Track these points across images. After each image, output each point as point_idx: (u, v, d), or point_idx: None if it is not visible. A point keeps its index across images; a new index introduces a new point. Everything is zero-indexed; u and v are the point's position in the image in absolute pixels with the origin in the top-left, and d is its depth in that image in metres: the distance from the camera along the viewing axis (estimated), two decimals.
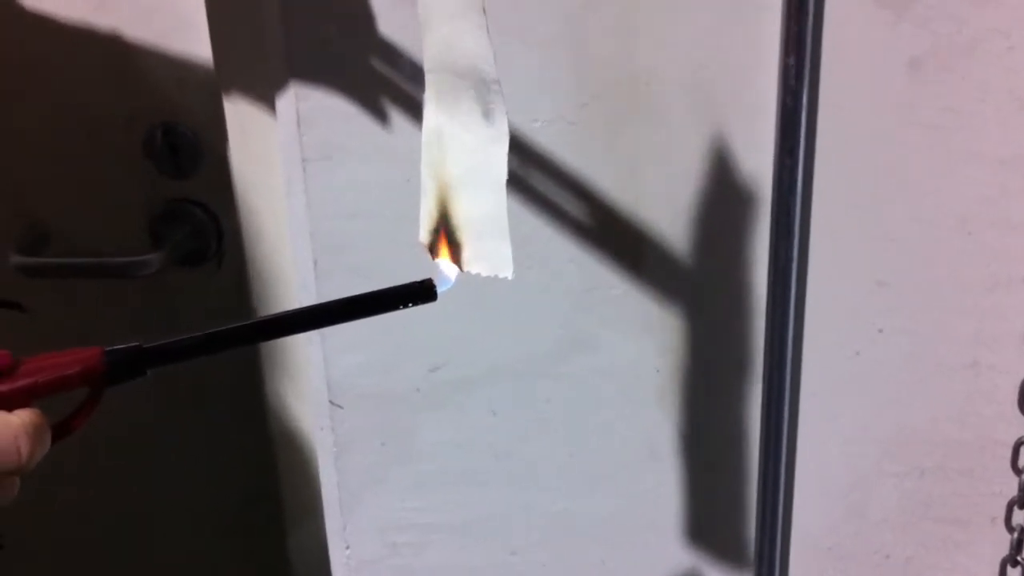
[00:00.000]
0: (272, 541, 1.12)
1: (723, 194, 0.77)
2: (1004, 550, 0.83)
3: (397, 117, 0.76)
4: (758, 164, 0.75)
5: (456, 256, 0.51)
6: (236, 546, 1.19)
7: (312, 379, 0.84)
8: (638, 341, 0.82)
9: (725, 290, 0.80)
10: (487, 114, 0.49)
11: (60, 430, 0.44)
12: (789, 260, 0.75)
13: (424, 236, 0.52)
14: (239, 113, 0.94)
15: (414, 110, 0.76)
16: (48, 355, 0.44)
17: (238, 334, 0.48)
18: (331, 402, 0.84)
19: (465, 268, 0.51)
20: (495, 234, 0.50)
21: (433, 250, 0.52)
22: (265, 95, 0.87)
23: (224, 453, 1.14)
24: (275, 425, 1.05)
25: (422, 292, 0.49)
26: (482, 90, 0.49)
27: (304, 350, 0.85)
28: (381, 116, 0.76)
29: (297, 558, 1.10)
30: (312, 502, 0.91)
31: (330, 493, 0.88)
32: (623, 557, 0.89)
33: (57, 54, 1.01)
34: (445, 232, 0.52)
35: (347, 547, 0.90)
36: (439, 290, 0.49)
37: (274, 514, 1.10)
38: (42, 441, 0.42)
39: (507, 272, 0.50)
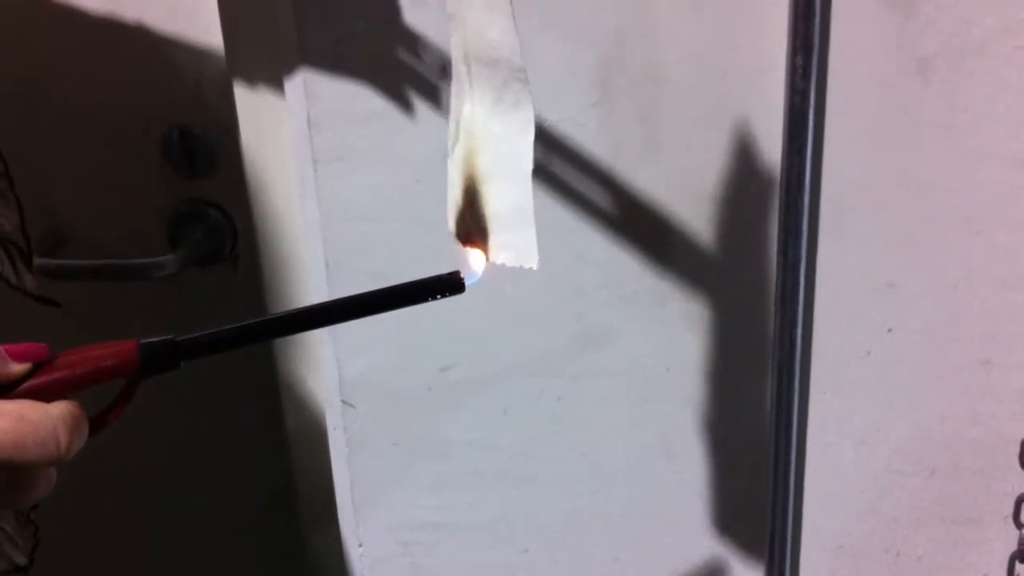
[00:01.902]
0: (287, 540, 1.13)
1: (733, 194, 0.77)
2: (1014, 548, 0.83)
3: (408, 119, 0.77)
4: (768, 164, 0.76)
5: (483, 246, 0.52)
6: (253, 545, 1.20)
7: (324, 379, 0.85)
8: (649, 340, 0.82)
9: (737, 289, 0.80)
10: (513, 104, 0.49)
11: (96, 423, 0.45)
12: (797, 260, 0.75)
13: (452, 226, 0.53)
14: (252, 115, 0.95)
15: (425, 112, 0.76)
16: (83, 348, 0.44)
17: (270, 326, 0.48)
18: (343, 401, 0.85)
19: (492, 258, 0.51)
20: (521, 224, 0.50)
21: (461, 240, 0.53)
22: (278, 97, 0.88)
23: (241, 452, 1.15)
24: (291, 424, 1.06)
25: (450, 284, 0.49)
26: (508, 80, 0.49)
27: (318, 349, 0.86)
28: (392, 118, 0.77)
29: (314, 557, 1.11)
30: (326, 501, 0.92)
31: (343, 492, 0.89)
32: (635, 555, 0.89)
33: (75, 60, 1.02)
34: (472, 223, 0.52)
35: (360, 545, 0.90)
36: (467, 282, 0.49)
37: (289, 513, 1.11)
38: (80, 432, 0.42)
39: (533, 262, 0.51)
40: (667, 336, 0.82)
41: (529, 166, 0.50)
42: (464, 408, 0.85)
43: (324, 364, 0.84)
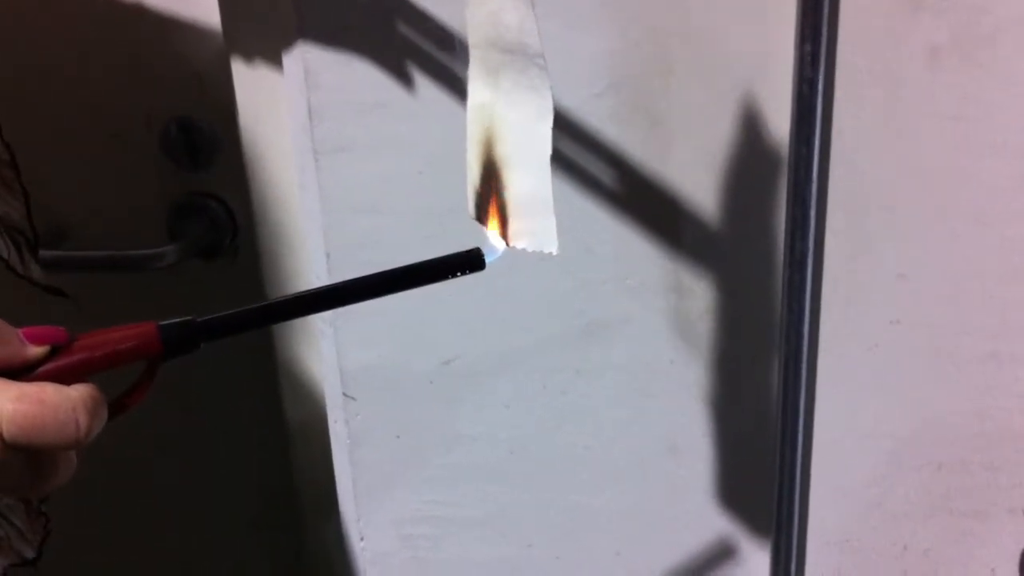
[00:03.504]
0: (289, 533, 1.13)
1: (740, 185, 0.76)
2: (1023, 542, 0.82)
3: (410, 109, 0.76)
4: (776, 155, 0.75)
5: (502, 232, 0.51)
6: (254, 538, 1.19)
7: (326, 372, 0.84)
8: (654, 333, 0.82)
9: (743, 281, 0.79)
10: (531, 90, 0.49)
11: (115, 407, 0.44)
12: (805, 251, 0.74)
13: (471, 210, 0.53)
14: (252, 106, 0.94)
15: (428, 102, 0.76)
16: (102, 331, 0.44)
17: (289, 306, 0.48)
18: (345, 395, 0.84)
19: (511, 244, 0.51)
20: (540, 210, 0.50)
21: (480, 223, 0.53)
22: (278, 88, 0.87)
23: (241, 446, 1.15)
24: (292, 417, 1.06)
25: (470, 261, 0.49)
26: (527, 66, 0.49)
27: (319, 342, 0.85)
28: (394, 108, 0.76)
29: (315, 550, 1.10)
30: (328, 495, 0.92)
31: (345, 486, 0.88)
32: (639, 549, 0.89)
33: (74, 51, 1.01)
34: (490, 208, 0.52)
35: (362, 539, 0.90)
36: (487, 260, 0.49)
37: (290, 507, 1.10)
38: (99, 416, 0.42)
39: (552, 248, 0.50)
40: (671, 329, 0.81)
41: (547, 152, 0.49)
42: (467, 402, 0.84)
43: (325, 356, 0.84)
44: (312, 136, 0.76)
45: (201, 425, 1.15)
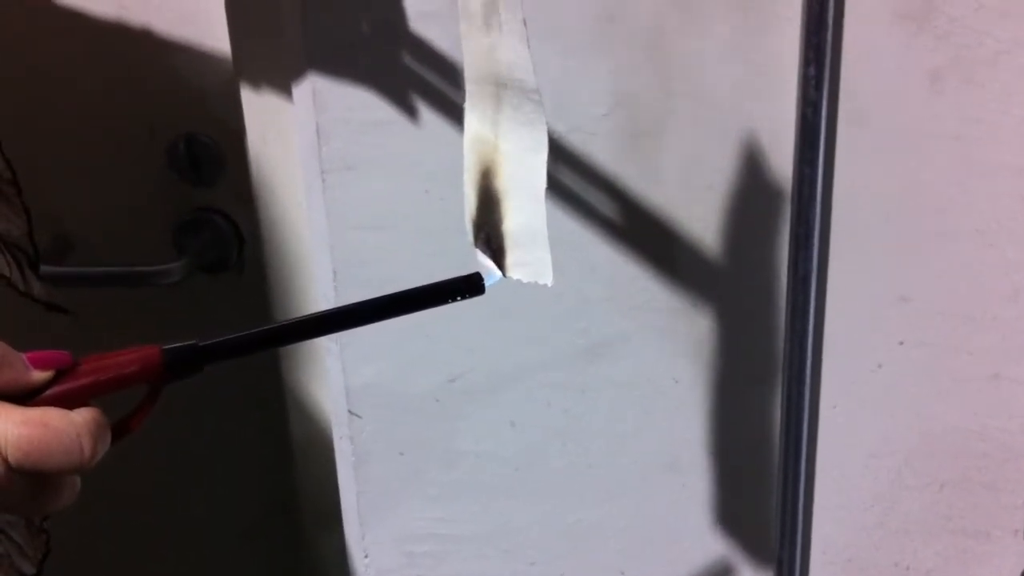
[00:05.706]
0: (292, 550, 1.13)
1: (744, 206, 0.77)
2: None
3: (417, 129, 0.76)
4: (779, 176, 0.75)
5: (498, 262, 0.52)
6: (257, 555, 1.19)
7: (331, 389, 0.85)
8: (657, 352, 0.82)
9: (746, 301, 0.80)
10: (527, 124, 0.50)
11: (119, 429, 0.45)
12: (808, 272, 0.75)
13: (471, 239, 0.54)
14: (260, 123, 0.95)
15: (434, 122, 0.76)
16: (106, 354, 0.44)
17: (292, 330, 0.48)
18: (350, 412, 0.85)
19: (507, 275, 0.52)
20: (535, 242, 0.51)
21: (480, 250, 0.53)
22: (285, 105, 0.88)
23: (246, 462, 1.15)
24: (295, 433, 1.06)
25: (470, 285, 0.50)
26: (522, 100, 0.49)
27: (324, 359, 0.85)
28: (401, 128, 0.77)
29: (318, 567, 1.10)
30: (332, 511, 0.92)
31: (349, 502, 0.88)
32: (641, 567, 0.89)
33: (81, 66, 1.02)
34: (487, 239, 0.53)
35: (366, 556, 0.90)
36: (486, 284, 0.50)
37: (294, 523, 1.10)
38: (103, 439, 0.43)
39: (547, 279, 0.51)
40: (675, 348, 0.81)
41: (543, 185, 0.50)
42: (471, 419, 0.85)
43: (330, 374, 0.84)
44: (319, 155, 0.77)
45: (205, 441, 1.15)
